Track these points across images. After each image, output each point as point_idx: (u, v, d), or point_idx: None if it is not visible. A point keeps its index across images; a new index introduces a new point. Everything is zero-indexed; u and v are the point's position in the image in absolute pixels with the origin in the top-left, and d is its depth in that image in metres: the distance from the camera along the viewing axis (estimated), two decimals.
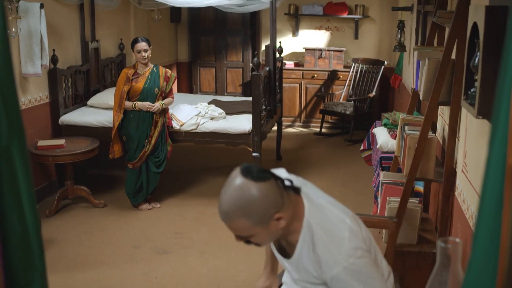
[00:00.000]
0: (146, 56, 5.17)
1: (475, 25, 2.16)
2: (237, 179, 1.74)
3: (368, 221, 2.74)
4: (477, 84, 2.05)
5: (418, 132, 3.28)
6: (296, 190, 1.89)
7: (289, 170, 6.12)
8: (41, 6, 5.16)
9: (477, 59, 2.10)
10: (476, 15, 2.10)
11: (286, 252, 1.99)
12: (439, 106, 3.83)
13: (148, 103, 5.16)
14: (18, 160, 1.01)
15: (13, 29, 4.90)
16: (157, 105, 5.18)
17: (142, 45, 5.16)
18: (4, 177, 0.99)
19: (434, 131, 3.95)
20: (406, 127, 3.54)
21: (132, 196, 5.37)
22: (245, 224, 1.74)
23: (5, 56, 0.99)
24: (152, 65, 5.31)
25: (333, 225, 1.86)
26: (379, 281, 1.86)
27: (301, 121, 9.00)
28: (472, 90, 2.18)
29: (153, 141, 5.24)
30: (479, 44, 2.02)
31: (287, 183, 1.85)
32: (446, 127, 3.46)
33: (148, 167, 5.33)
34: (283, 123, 7.78)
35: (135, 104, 5.16)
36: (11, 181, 1.00)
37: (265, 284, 2.32)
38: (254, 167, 1.76)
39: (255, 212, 1.72)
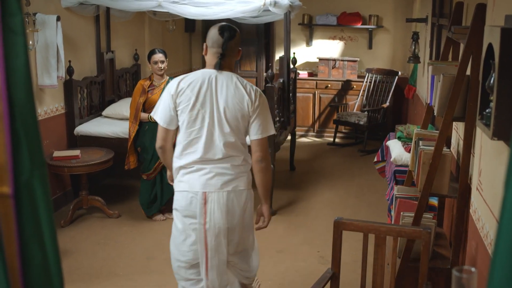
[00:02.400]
0: (162, 68, 5.22)
1: (490, 45, 2.16)
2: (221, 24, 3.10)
3: (402, 231, 2.78)
4: (492, 105, 2.05)
5: (433, 148, 3.27)
6: (216, 67, 3.00)
7: (302, 181, 6.15)
8: (58, 19, 5.22)
9: (492, 80, 2.09)
10: (492, 36, 2.10)
11: None
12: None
13: None
14: (39, 192, 1.03)
15: (30, 42, 4.97)
16: None
17: (158, 56, 5.21)
18: (26, 209, 1.01)
19: (449, 145, 3.94)
20: (421, 142, 3.53)
21: (146, 207, 5.40)
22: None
23: (27, 90, 1.01)
24: (168, 77, 5.35)
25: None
26: (162, 103, 3.09)
27: (315, 131, 9.01)
28: (487, 110, 2.18)
29: None
30: (495, 65, 2.02)
31: (221, 57, 2.99)
32: (461, 142, 3.45)
33: (163, 178, 5.35)
34: (297, 132, 7.78)
35: (150, 116, 5.19)
36: (32, 213, 1.02)
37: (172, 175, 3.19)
38: (230, 28, 3.03)
39: (208, 36, 3.07)
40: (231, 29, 3.03)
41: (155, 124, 5.23)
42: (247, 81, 3.11)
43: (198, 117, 2.95)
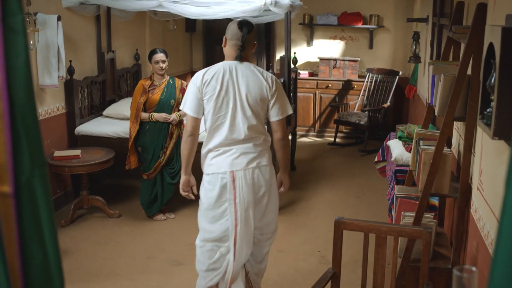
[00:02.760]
0: (163, 67, 5.22)
1: (491, 45, 2.16)
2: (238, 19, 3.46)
3: (403, 231, 2.78)
4: (493, 104, 2.05)
5: (433, 148, 3.27)
6: (237, 58, 3.36)
7: (303, 181, 6.22)
8: (59, 19, 5.22)
9: (493, 80, 2.09)
10: (492, 36, 2.10)
11: None
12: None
13: (165, 114, 5.20)
14: (39, 191, 1.03)
15: (31, 42, 4.97)
16: (174, 116, 5.23)
17: (160, 56, 5.21)
18: (26, 209, 1.01)
19: (449, 145, 3.94)
20: (421, 142, 3.53)
21: (146, 207, 5.40)
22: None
23: (28, 89, 1.01)
24: (168, 77, 5.35)
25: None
26: (189, 95, 3.39)
27: (315, 131, 9.01)
28: (488, 110, 2.18)
29: (168, 152, 5.28)
30: (495, 64, 2.02)
31: (240, 49, 3.35)
32: (462, 142, 3.45)
33: (163, 178, 5.36)
34: (297, 132, 7.78)
35: (151, 115, 5.20)
36: (33, 213, 1.02)
37: (186, 181, 3.53)
38: (248, 23, 3.37)
39: (227, 30, 3.40)
40: (249, 24, 3.37)
41: (155, 124, 5.26)
42: (262, 68, 3.54)
43: (223, 104, 3.31)
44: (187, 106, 3.39)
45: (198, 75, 3.35)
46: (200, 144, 3.43)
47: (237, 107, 3.32)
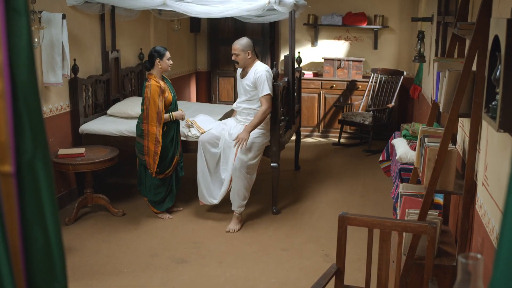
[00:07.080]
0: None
1: (496, 38, 2.14)
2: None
3: (407, 226, 2.76)
4: (498, 97, 2.04)
5: (438, 144, 3.25)
6: (257, 56, 5.44)
7: (308, 181, 6.24)
8: (63, 17, 5.23)
9: (498, 72, 2.08)
10: (498, 28, 2.08)
11: (244, 76, 5.37)
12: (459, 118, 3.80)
13: (180, 111, 5.25)
14: (41, 173, 1.02)
15: (36, 39, 4.98)
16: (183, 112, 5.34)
17: (168, 53, 5.24)
18: (28, 189, 1.01)
19: (454, 142, 3.92)
20: (426, 139, 3.51)
21: (159, 203, 5.38)
22: (238, 48, 5.23)
23: (30, 70, 1.00)
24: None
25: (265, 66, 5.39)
26: (269, 84, 5.26)
27: (320, 131, 8.99)
28: (493, 103, 2.16)
29: (180, 146, 5.35)
30: (501, 57, 2.00)
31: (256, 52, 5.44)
32: (467, 139, 3.43)
33: (177, 172, 5.41)
34: (302, 132, 7.76)
35: (172, 115, 5.18)
36: (34, 194, 1.01)
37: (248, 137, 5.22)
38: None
39: (243, 45, 5.23)
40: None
41: (172, 123, 5.22)
42: None
43: None
44: (270, 90, 5.20)
45: (269, 70, 5.28)
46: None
47: None
